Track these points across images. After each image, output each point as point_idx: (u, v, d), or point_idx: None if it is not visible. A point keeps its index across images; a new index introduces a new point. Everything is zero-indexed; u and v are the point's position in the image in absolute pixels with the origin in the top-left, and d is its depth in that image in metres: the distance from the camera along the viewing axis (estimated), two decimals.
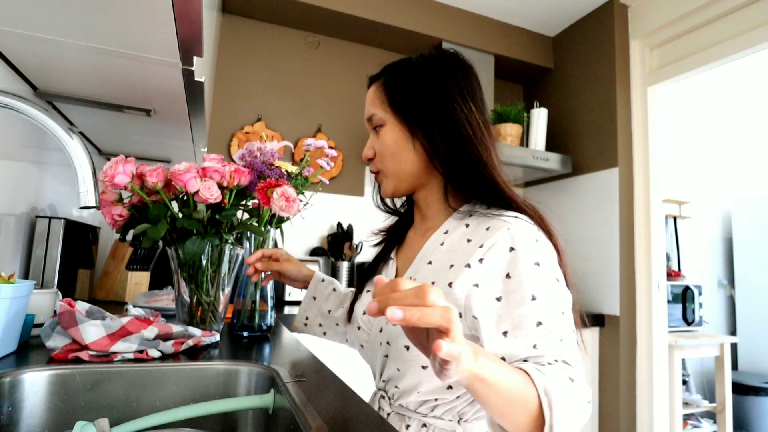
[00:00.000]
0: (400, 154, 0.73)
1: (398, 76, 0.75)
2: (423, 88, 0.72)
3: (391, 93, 0.74)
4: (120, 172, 0.80)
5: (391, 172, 0.75)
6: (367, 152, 0.78)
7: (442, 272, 0.66)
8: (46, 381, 0.63)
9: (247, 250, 1.04)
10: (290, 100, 2.31)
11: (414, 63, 0.75)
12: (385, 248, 0.84)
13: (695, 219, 3.23)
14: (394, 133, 0.73)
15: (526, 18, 2.47)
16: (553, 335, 0.57)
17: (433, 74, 0.73)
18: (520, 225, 0.63)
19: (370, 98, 0.77)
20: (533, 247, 0.62)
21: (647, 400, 2.05)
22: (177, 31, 0.64)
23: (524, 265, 0.60)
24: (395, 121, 0.73)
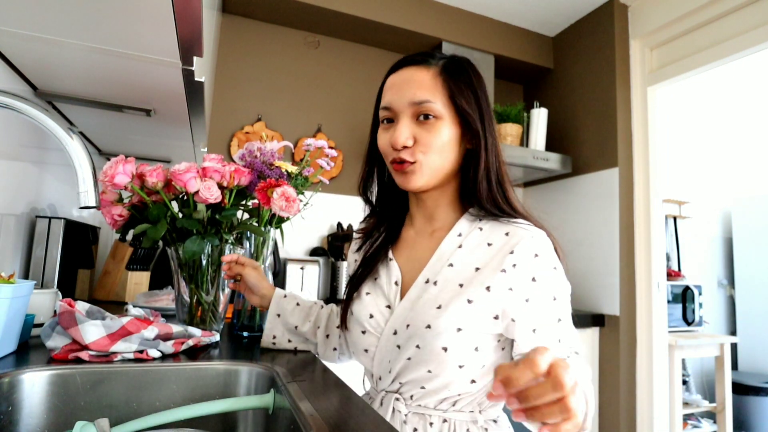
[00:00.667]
0: (448, 153, 0.71)
1: (461, 73, 0.72)
2: (480, 94, 0.72)
3: (455, 88, 0.70)
4: (120, 172, 0.80)
5: (430, 168, 0.70)
6: (407, 140, 0.69)
7: (469, 274, 0.68)
8: (46, 381, 0.63)
9: (247, 250, 1.04)
10: (290, 100, 2.31)
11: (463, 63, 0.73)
12: (379, 248, 0.80)
13: (695, 219, 3.23)
14: (451, 132, 0.70)
15: (526, 18, 2.47)
16: (569, 329, 0.66)
17: (481, 82, 0.73)
18: (538, 233, 0.69)
19: (425, 83, 0.70)
20: (550, 253, 0.68)
21: (647, 400, 2.05)
22: (177, 31, 0.64)
23: (546, 269, 0.67)
24: (453, 118, 0.70)
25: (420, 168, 0.70)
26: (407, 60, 0.73)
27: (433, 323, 0.66)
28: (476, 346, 0.66)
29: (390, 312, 0.72)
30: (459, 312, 0.66)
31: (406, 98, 0.69)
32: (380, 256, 0.79)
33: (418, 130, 0.69)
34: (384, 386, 0.73)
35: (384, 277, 0.76)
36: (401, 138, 0.69)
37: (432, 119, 0.69)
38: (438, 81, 0.70)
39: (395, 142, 0.69)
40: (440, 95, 0.69)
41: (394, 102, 0.71)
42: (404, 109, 0.70)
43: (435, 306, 0.67)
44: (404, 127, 0.69)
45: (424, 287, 0.70)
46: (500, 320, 0.66)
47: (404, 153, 0.70)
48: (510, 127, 2.32)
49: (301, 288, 2.01)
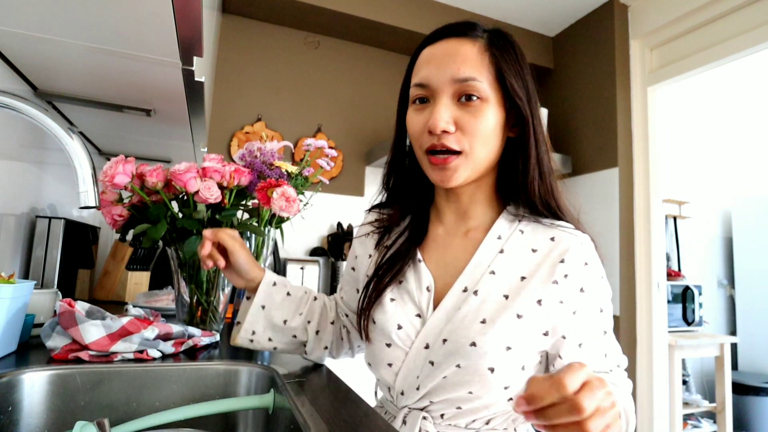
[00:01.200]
0: (492, 142, 0.61)
1: (509, 49, 0.62)
2: (527, 73, 0.63)
3: (505, 66, 0.60)
4: (120, 172, 0.80)
5: (474, 158, 0.60)
6: (447, 125, 0.58)
7: (514, 284, 0.60)
8: (46, 381, 0.63)
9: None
10: (290, 100, 2.31)
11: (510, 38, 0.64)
12: (404, 248, 0.68)
13: (695, 219, 3.23)
14: (497, 117, 0.61)
15: (526, 18, 2.47)
16: (613, 341, 0.63)
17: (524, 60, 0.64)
18: (586, 239, 0.64)
19: (470, 58, 0.59)
20: (598, 261, 0.64)
21: (647, 400, 2.05)
22: (177, 31, 0.64)
23: (595, 279, 0.62)
24: (500, 101, 0.61)
25: (465, 161, 0.60)
26: (448, 30, 0.63)
27: (479, 340, 0.57)
28: (523, 365, 0.59)
29: (421, 322, 0.63)
30: (507, 328, 0.58)
31: (448, 74, 0.59)
32: (407, 257, 0.67)
33: (460, 113, 0.59)
34: (408, 402, 0.64)
35: (413, 281, 0.66)
36: (441, 121, 0.58)
37: (476, 101, 0.59)
38: (486, 56, 0.60)
39: (434, 126, 0.58)
40: (487, 73, 0.59)
41: (433, 78, 0.60)
42: (444, 87, 0.59)
43: (479, 320, 0.59)
44: (444, 108, 0.59)
45: (462, 296, 0.62)
46: (550, 336, 0.60)
47: (447, 140, 0.59)
48: None
49: None
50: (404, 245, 0.69)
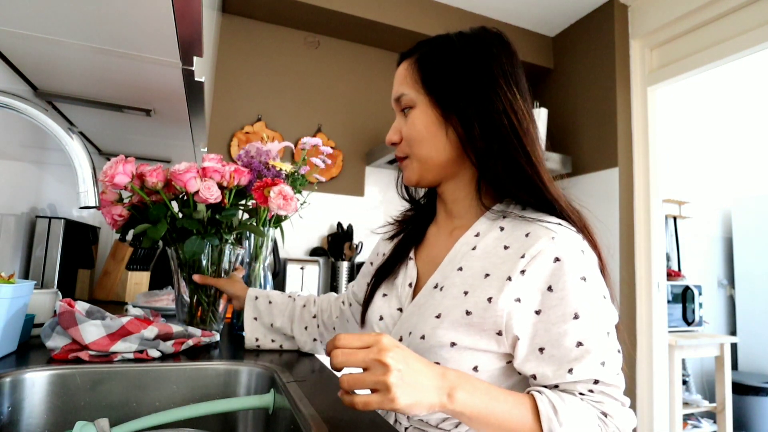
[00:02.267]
0: (430, 141, 0.66)
1: (434, 54, 0.66)
2: (462, 69, 0.64)
3: (426, 72, 0.66)
4: (120, 172, 0.80)
5: (418, 159, 0.67)
6: (392, 136, 0.70)
7: (476, 281, 0.59)
8: (46, 381, 0.63)
9: (247, 249, 1.04)
10: (290, 100, 2.31)
11: (453, 40, 0.67)
12: (402, 247, 0.74)
13: (695, 219, 3.23)
14: (426, 118, 0.66)
15: (526, 18, 2.47)
16: (593, 357, 0.53)
17: (474, 54, 0.65)
18: (565, 233, 0.58)
19: (401, 76, 0.69)
20: (579, 259, 0.57)
21: (647, 400, 2.05)
22: (177, 31, 0.64)
23: (569, 278, 0.55)
24: (428, 103, 0.66)
25: (410, 162, 0.69)
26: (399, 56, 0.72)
27: (428, 334, 0.59)
28: (475, 365, 0.58)
29: (399, 316, 0.67)
30: (455, 324, 0.58)
31: (393, 96, 0.71)
32: (402, 255, 0.73)
33: (402, 124, 0.69)
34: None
35: (401, 277, 0.71)
36: (389, 136, 0.70)
37: (410, 111, 0.68)
38: (412, 70, 0.67)
39: (387, 141, 0.71)
40: (412, 83, 0.67)
41: (392, 103, 0.72)
42: (395, 107, 0.71)
43: (434, 315, 0.60)
44: (394, 124, 0.70)
45: (431, 292, 0.64)
46: (504, 337, 0.56)
47: (397, 150, 0.71)
48: None
49: (301, 288, 2.01)
50: (402, 245, 0.75)
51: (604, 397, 0.54)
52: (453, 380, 0.49)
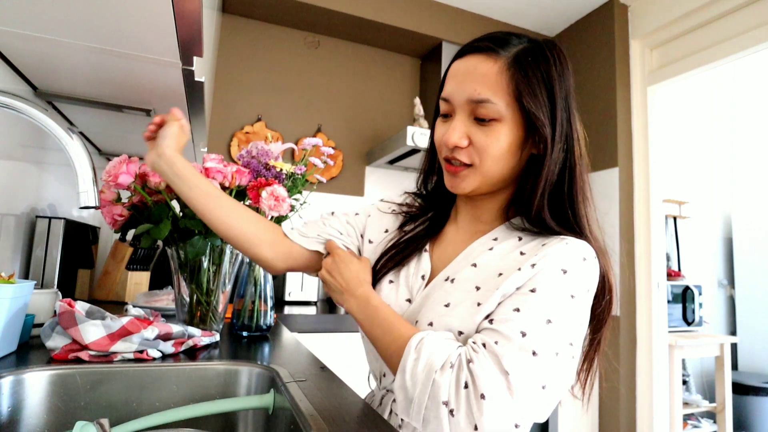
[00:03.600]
0: (508, 160, 0.61)
1: (537, 64, 0.60)
2: (558, 91, 0.60)
3: (525, 86, 0.59)
4: (124, 171, 0.80)
5: (485, 175, 0.62)
6: (460, 140, 0.61)
7: (489, 278, 0.60)
8: (46, 381, 0.63)
9: None
10: (290, 100, 2.31)
11: (545, 52, 0.62)
12: (418, 238, 0.72)
13: (695, 219, 3.23)
14: (513, 136, 0.60)
15: (526, 18, 2.47)
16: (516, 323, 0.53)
17: (564, 74, 0.62)
18: (577, 242, 0.60)
19: (488, 78, 0.60)
20: (574, 260, 0.57)
21: (647, 400, 2.05)
22: (177, 31, 0.64)
23: (550, 265, 0.57)
24: (518, 121, 0.60)
25: (473, 173, 0.62)
26: (474, 45, 0.63)
27: (436, 321, 0.60)
28: None
29: (408, 306, 0.67)
30: (465, 314, 0.58)
31: (465, 94, 0.61)
32: (417, 246, 0.71)
33: (474, 130, 0.61)
34: (386, 384, 0.68)
35: (412, 268, 0.70)
36: (453, 137, 0.61)
37: (493, 122, 0.60)
38: (504, 77, 0.59)
39: (447, 141, 0.62)
40: (504, 94, 0.59)
41: (453, 95, 0.63)
42: (462, 104, 0.62)
43: (443, 304, 0.61)
44: (459, 125, 0.62)
45: (442, 284, 0.64)
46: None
47: (458, 153, 0.62)
48: None
49: (301, 288, 2.01)
50: (419, 235, 0.72)
51: (486, 353, 0.51)
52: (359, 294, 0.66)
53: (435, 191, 0.76)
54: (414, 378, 0.52)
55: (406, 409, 0.52)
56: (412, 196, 0.80)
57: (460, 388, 0.50)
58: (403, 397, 0.52)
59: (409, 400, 0.52)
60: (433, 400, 0.50)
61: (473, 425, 0.49)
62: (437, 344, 0.54)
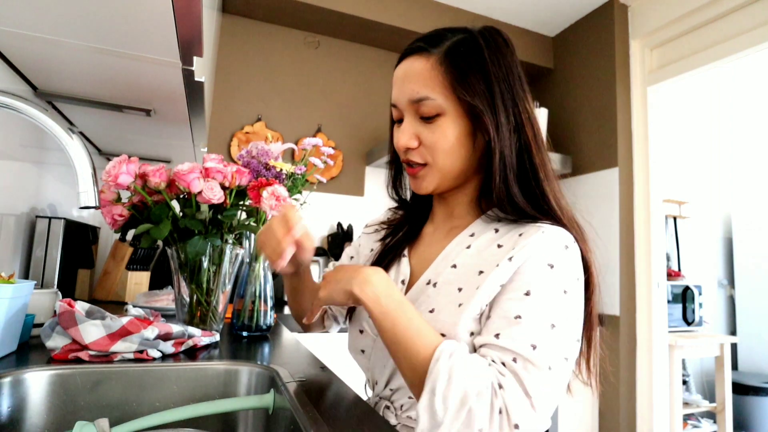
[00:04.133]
0: (459, 152, 0.62)
1: (465, 55, 0.60)
2: (494, 75, 0.60)
3: (459, 76, 0.60)
4: (124, 171, 0.80)
5: (440, 169, 0.63)
6: (410, 141, 0.62)
7: (470, 278, 0.60)
8: (46, 381, 0.63)
9: (247, 249, 1.04)
10: (290, 100, 2.31)
11: (478, 40, 0.62)
12: (396, 244, 0.74)
13: (695, 219, 3.23)
14: (458, 128, 0.61)
15: (526, 18, 2.47)
16: (523, 332, 0.53)
17: (501, 58, 0.62)
18: (554, 229, 0.59)
19: (421, 76, 0.61)
20: (556, 250, 0.57)
21: (647, 400, 2.05)
22: (177, 31, 0.64)
23: (537, 261, 0.56)
24: (460, 112, 0.61)
25: (430, 172, 0.64)
26: (408, 48, 0.65)
27: None
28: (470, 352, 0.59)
29: None
30: (449, 318, 0.58)
31: (406, 95, 0.62)
32: (395, 253, 0.73)
33: (421, 129, 0.62)
34: (378, 392, 0.69)
35: (393, 274, 0.71)
36: (402, 139, 0.63)
37: (437, 118, 0.61)
38: (438, 72, 0.60)
39: (398, 144, 0.64)
40: (441, 88, 0.60)
41: (397, 100, 0.64)
42: (406, 107, 0.63)
43: (428, 310, 0.61)
44: (406, 127, 0.63)
45: (423, 289, 0.64)
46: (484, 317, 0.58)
47: (411, 155, 0.64)
48: None
49: None
50: (397, 243, 0.74)
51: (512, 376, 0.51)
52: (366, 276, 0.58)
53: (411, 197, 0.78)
54: (446, 403, 0.49)
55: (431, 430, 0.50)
56: (393, 210, 0.82)
57: (494, 415, 0.49)
58: (428, 418, 0.50)
59: (437, 424, 0.49)
60: (467, 427, 0.49)
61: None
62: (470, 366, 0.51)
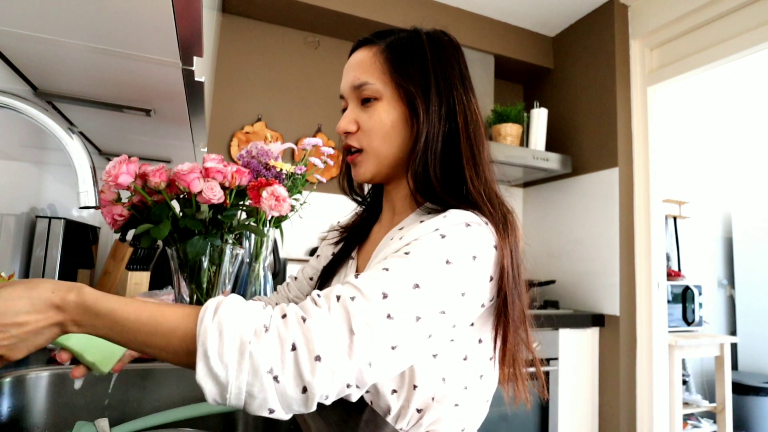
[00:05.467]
0: (393, 137, 0.64)
1: (405, 47, 0.65)
2: (432, 66, 0.63)
3: (397, 64, 0.63)
4: (124, 171, 0.80)
5: (377, 155, 0.65)
6: (348, 125, 0.65)
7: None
8: (46, 381, 0.63)
9: (247, 249, 1.04)
10: (290, 100, 2.31)
11: (421, 35, 0.66)
12: (346, 247, 0.76)
13: (695, 219, 3.23)
14: (394, 112, 0.64)
15: (526, 18, 2.47)
16: (381, 283, 0.48)
17: (441, 52, 0.65)
18: (458, 210, 0.56)
19: (363, 64, 0.65)
20: (454, 225, 0.54)
21: (647, 400, 2.05)
22: (177, 31, 0.64)
23: (427, 227, 0.54)
24: (395, 97, 0.64)
25: (367, 157, 0.65)
26: (357, 43, 0.70)
27: None
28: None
29: None
30: None
31: (348, 83, 0.66)
32: (345, 256, 0.75)
33: (360, 114, 0.65)
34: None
35: (342, 276, 0.72)
36: (342, 123, 0.66)
37: (372, 101, 0.64)
38: (378, 59, 0.65)
39: (338, 129, 0.66)
40: (379, 74, 0.64)
41: (342, 89, 0.68)
42: (349, 94, 0.67)
43: None
44: (348, 113, 0.66)
45: None
46: None
47: (350, 139, 0.66)
48: (510, 127, 2.32)
49: None
50: (347, 244, 0.76)
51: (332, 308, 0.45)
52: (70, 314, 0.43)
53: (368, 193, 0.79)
54: (224, 359, 0.41)
55: (220, 395, 0.42)
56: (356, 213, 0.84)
57: (285, 349, 0.42)
58: (212, 385, 0.42)
59: (224, 387, 0.42)
60: (255, 375, 0.41)
61: (302, 387, 0.42)
62: (241, 311, 0.44)
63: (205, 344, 0.42)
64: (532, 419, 1.99)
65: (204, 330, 0.42)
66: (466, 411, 0.60)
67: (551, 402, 2.02)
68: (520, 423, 1.96)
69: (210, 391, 0.42)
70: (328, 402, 0.44)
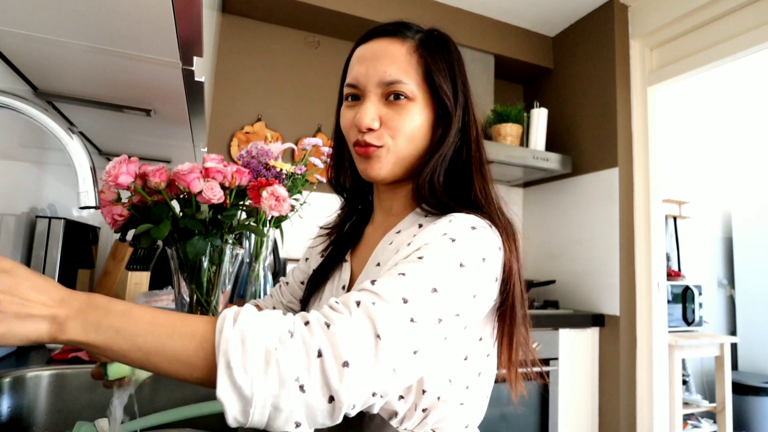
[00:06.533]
0: (418, 140, 0.62)
1: (440, 48, 0.63)
2: (458, 76, 0.63)
3: (433, 69, 0.61)
4: (124, 171, 0.80)
5: (397, 155, 0.62)
6: (372, 121, 0.60)
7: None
8: (46, 381, 0.63)
9: (247, 249, 1.04)
10: (290, 100, 2.31)
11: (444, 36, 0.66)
12: (338, 249, 0.73)
13: (695, 219, 3.23)
14: (425, 116, 0.62)
15: (526, 18, 2.47)
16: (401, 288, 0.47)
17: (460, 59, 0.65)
18: (463, 214, 0.57)
19: (398, 59, 0.61)
20: (461, 229, 0.54)
21: (647, 400, 2.05)
22: (177, 31, 0.64)
23: (438, 230, 0.54)
24: (427, 102, 0.62)
25: (386, 154, 0.62)
26: (380, 30, 0.65)
27: None
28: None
29: None
30: None
31: (376, 77, 0.61)
32: (338, 258, 0.72)
33: (385, 111, 0.61)
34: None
35: (336, 280, 0.71)
36: (366, 118, 0.60)
37: (403, 100, 0.61)
38: (414, 57, 0.61)
39: (360, 123, 0.61)
40: (414, 74, 0.61)
41: (362, 79, 0.62)
42: (372, 88, 0.62)
43: None
44: (370, 107, 0.61)
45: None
46: None
47: (369, 136, 0.61)
48: (510, 127, 2.32)
49: None
50: (339, 247, 0.74)
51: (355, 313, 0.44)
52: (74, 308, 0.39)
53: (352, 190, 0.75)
54: (248, 370, 0.38)
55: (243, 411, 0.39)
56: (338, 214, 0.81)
57: (311, 356, 0.40)
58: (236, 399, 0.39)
59: (248, 400, 0.39)
60: (282, 385, 0.39)
61: (329, 396, 0.40)
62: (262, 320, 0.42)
63: (228, 354, 0.39)
64: (532, 419, 1.99)
65: (225, 340, 0.39)
66: (470, 408, 0.61)
67: (551, 402, 2.02)
68: (520, 423, 1.96)
69: (232, 407, 0.39)
70: (353, 413, 0.42)
